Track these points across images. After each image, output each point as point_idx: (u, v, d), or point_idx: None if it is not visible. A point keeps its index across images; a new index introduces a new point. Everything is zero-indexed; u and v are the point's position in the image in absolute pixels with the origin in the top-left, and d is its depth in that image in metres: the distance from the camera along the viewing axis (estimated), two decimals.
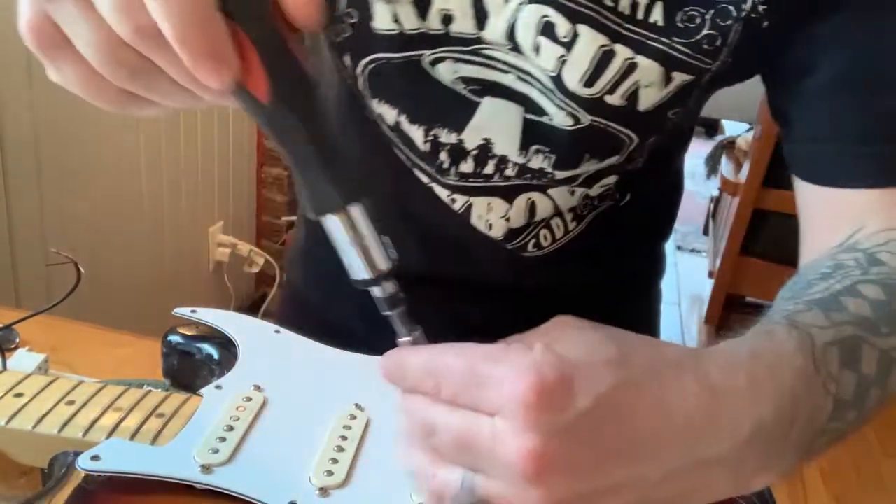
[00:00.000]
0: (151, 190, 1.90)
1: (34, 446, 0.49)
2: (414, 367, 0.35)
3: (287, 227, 2.46)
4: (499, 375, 0.32)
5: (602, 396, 0.32)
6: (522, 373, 0.31)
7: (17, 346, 0.70)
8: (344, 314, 0.69)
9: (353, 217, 0.35)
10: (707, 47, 0.50)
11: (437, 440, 0.34)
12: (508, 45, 0.52)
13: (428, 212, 0.61)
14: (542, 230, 0.63)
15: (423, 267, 0.65)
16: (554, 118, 0.54)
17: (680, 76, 0.51)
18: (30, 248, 1.54)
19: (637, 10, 0.49)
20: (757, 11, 0.48)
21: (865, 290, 0.42)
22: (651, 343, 0.36)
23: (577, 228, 0.64)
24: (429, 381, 0.34)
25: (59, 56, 0.33)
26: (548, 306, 0.71)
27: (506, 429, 0.32)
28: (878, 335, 0.40)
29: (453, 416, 0.33)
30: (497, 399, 0.32)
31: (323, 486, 0.45)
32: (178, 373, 0.59)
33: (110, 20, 0.30)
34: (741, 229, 2.51)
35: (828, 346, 0.38)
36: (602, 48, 0.50)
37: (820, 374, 0.37)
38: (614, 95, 0.52)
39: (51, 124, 1.53)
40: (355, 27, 0.53)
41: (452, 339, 0.34)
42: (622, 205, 0.64)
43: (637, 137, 0.56)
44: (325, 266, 0.77)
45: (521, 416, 0.31)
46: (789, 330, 0.38)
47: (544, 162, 0.56)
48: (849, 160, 0.51)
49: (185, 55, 0.30)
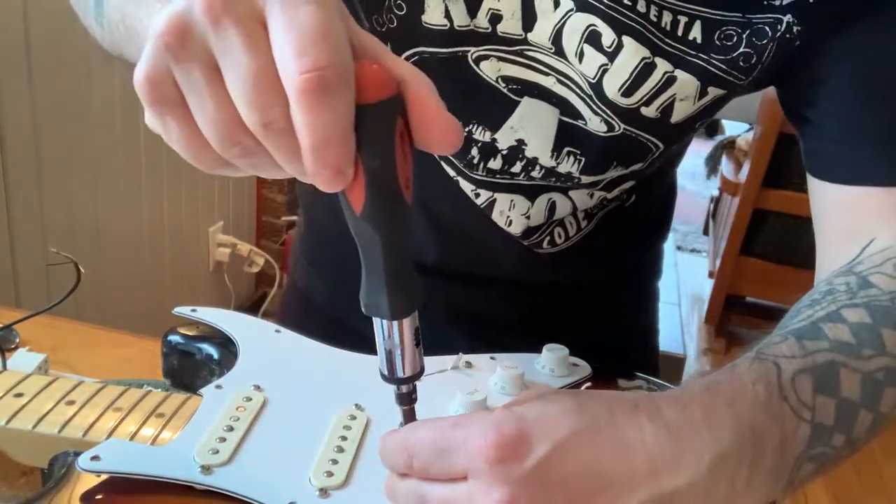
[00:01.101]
0: (151, 190, 1.90)
1: (34, 446, 0.49)
2: (390, 447, 0.38)
3: (287, 227, 2.46)
4: (462, 438, 0.35)
5: (559, 442, 0.34)
6: (483, 432, 0.34)
7: (17, 346, 0.70)
8: (350, 314, 0.69)
9: (396, 326, 0.37)
10: (743, 65, 0.51)
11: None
12: (552, 48, 0.53)
13: (449, 204, 0.62)
14: (556, 228, 0.64)
15: (438, 258, 0.66)
16: (589, 123, 0.55)
17: (714, 90, 0.53)
18: (30, 248, 1.54)
19: (678, 27, 0.50)
20: (791, 32, 0.50)
21: (848, 315, 0.43)
22: (608, 394, 0.38)
23: (588, 227, 0.65)
24: (402, 457, 0.37)
25: (170, 113, 0.31)
26: (554, 301, 0.72)
27: (476, 486, 0.34)
28: (859, 358, 0.40)
29: (436, 487, 0.36)
30: (465, 460, 0.35)
31: (323, 486, 0.45)
32: (178, 373, 0.59)
33: (240, 106, 0.30)
34: (741, 229, 2.51)
35: (798, 373, 0.39)
36: (644, 60, 0.51)
37: (788, 402, 0.38)
38: (650, 107, 0.53)
39: (51, 124, 1.53)
40: (402, 19, 0.54)
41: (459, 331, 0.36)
42: (627, 205, 0.66)
43: (663, 146, 0.57)
44: (330, 267, 0.77)
45: (486, 471, 0.34)
46: (751, 362, 0.39)
47: (573, 166, 0.57)
48: (865, 160, 0.51)
49: (311, 163, 0.30)
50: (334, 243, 0.77)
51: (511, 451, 0.34)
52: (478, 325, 0.70)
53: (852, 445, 0.40)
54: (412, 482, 0.38)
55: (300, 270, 0.81)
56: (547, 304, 0.72)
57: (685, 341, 2.63)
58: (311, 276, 0.79)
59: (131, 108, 1.75)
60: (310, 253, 0.79)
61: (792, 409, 0.38)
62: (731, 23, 0.50)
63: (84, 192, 1.67)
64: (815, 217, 0.55)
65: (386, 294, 0.35)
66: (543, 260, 0.65)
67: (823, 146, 0.54)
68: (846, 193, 0.52)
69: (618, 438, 0.35)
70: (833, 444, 0.39)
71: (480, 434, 0.34)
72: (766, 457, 0.36)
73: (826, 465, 0.39)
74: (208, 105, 0.30)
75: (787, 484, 0.38)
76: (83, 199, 1.67)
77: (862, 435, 0.40)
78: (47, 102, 1.51)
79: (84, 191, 1.67)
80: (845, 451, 0.40)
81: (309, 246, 0.80)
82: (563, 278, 0.69)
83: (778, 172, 2.37)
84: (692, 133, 0.58)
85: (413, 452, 0.37)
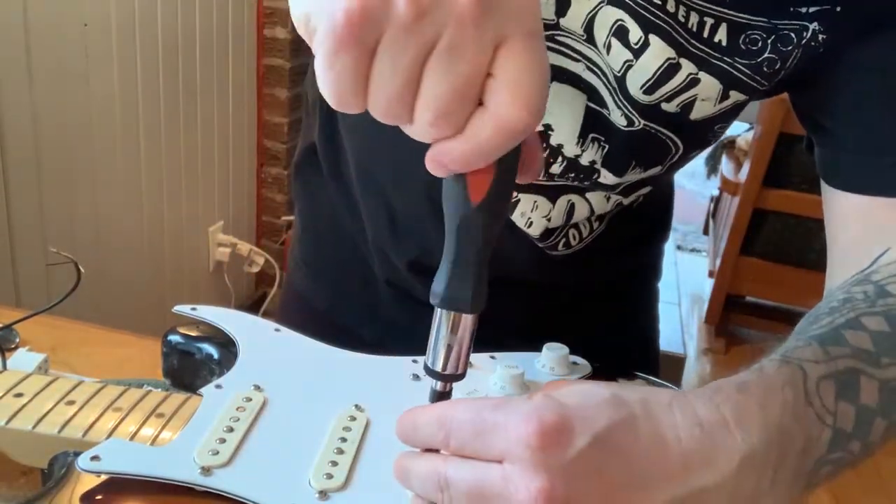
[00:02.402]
0: (151, 190, 1.90)
1: (34, 446, 0.49)
2: (425, 421, 0.37)
3: (287, 227, 2.46)
4: (503, 422, 0.35)
5: (599, 434, 0.34)
6: (525, 418, 0.34)
7: (17, 346, 0.70)
8: (351, 319, 0.69)
9: (464, 321, 0.38)
10: (766, 70, 0.51)
11: (451, 493, 0.36)
12: (584, 35, 0.52)
13: None
14: (571, 230, 0.64)
15: None
16: (611, 114, 0.55)
17: (736, 95, 0.52)
18: (30, 248, 1.54)
19: (703, 28, 0.50)
20: (816, 40, 0.49)
21: (868, 323, 0.43)
22: (642, 388, 0.38)
23: (599, 228, 0.66)
24: (439, 434, 0.36)
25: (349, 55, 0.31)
26: (559, 302, 0.72)
27: (515, 471, 0.34)
28: (878, 367, 0.41)
29: (464, 467, 0.36)
30: (504, 444, 0.34)
31: (322, 489, 0.45)
32: (178, 372, 0.59)
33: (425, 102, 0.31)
34: (741, 229, 2.50)
35: (822, 379, 0.39)
36: (669, 61, 0.51)
37: (813, 407, 0.38)
38: (671, 104, 0.53)
39: (51, 124, 1.53)
40: None
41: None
42: (634, 206, 0.66)
43: (682, 146, 0.57)
44: (330, 273, 0.77)
45: (527, 457, 0.33)
46: (779, 365, 0.39)
47: (597, 153, 0.57)
48: (886, 171, 0.51)
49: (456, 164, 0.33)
50: (331, 247, 0.77)
51: (553, 439, 0.34)
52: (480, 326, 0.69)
53: (867, 450, 0.40)
54: (434, 462, 0.37)
55: (298, 274, 0.81)
56: (551, 304, 0.72)
57: (685, 341, 2.63)
58: (309, 280, 0.79)
59: (131, 108, 1.75)
60: (307, 258, 0.79)
61: (817, 414, 0.38)
62: (757, 27, 0.50)
63: (84, 192, 1.67)
64: (828, 225, 0.55)
65: (471, 287, 0.37)
66: (554, 261, 0.66)
67: (842, 156, 0.53)
68: (864, 203, 0.52)
69: (654, 433, 0.35)
70: (850, 450, 0.39)
71: (523, 420, 0.34)
72: (790, 459, 0.37)
73: (841, 469, 0.40)
74: (397, 81, 0.31)
75: (806, 486, 0.38)
76: (83, 199, 1.67)
77: (876, 441, 0.41)
78: (47, 102, 1.51)
79: (84, 191, 1.67)
80: (860, 456, 0.40)
81: (306, 249, 0.80)
82: (570, 279, 0.70)
83: (778, 172, 2.37)
84: (710, 136, 0.57)
85: (451, 429, 0.36)
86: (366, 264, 0.73)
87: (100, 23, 1.61)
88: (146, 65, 1.77)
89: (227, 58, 2.10)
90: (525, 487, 0.33)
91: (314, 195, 0.77)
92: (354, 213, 0.71)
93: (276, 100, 2.34)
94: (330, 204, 0.74)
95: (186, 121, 1.97)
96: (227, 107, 2.15)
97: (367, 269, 0.73)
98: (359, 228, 0.72)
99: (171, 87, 1.87)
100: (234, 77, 2.16)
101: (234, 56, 2.13)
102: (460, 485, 0.35)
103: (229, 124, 2.18)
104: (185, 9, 1.87)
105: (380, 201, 0.68)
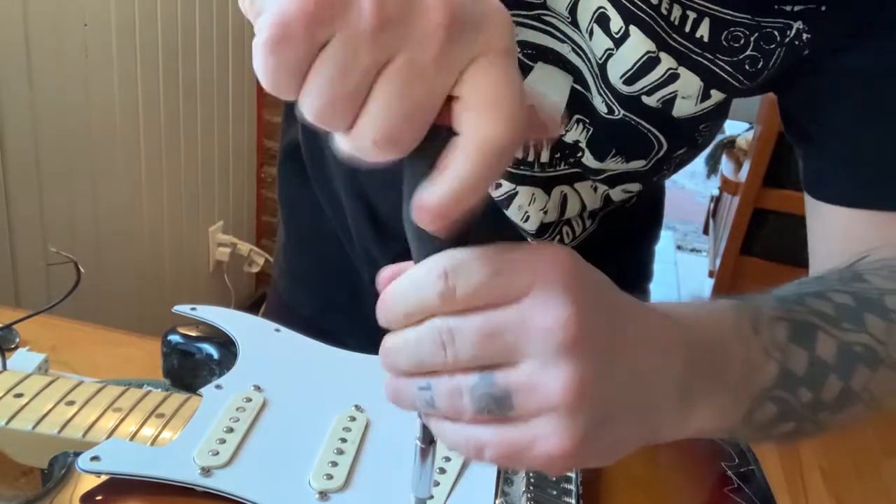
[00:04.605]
0: (151, 190, 1.90)
1: (34, 446, 0.49)
2: (421, 270, 0.31)
3: None
4: (527, 257, 0.31)
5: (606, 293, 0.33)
6: (554, 250, 0.31)
7: (17, 346, 0.70)
8: (336, 327, 0.69)
9: None
10: (748, 68, 0.51)
11: (457, 346, 0.31)
12: (569, 18, 0.52)
13: None
14: (564, 227, 0.64)
15: None
16: (593, 99, 0.55)
17: (717, 94, 0.52)
18: (30, 248, 1.54)
19: (686, 22, 0.50)
20: (800, 39, 0.49)
21: (834, 297, 0.43)
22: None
23: (592, 227, 0.66)
24: (440, 283, 0.30)
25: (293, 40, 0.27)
26: None
27: (540, 302, 0.30)
28: (837, 328, 0.41)
29: (472, 315, 0.31)
30: (530, 277, 0.30)
31: (322, 489, 0.45)
32: (178, 372, 0.59)
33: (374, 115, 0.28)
34: (741, 229, 2.51)
35: (776, 319, 0.39)
36: (648, 54, 0.51)
37: (760, 336, 0.38)
38: (651, 97, 0.53)
39: (51, 125, 1.53)
40: None
41: None
42: (627, 206, 0.66)
43: (666, 144, 0.56)
44: (315, 284, 0.77)
45: (560, 283, 0.30)
46: (732, 301, 0.40)
47: (581, 134, 0.57)
48: (866, 183, 0.51)
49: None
50: (317, 255, 0.77)
51: (587, 272, 0.32)
52: None
53: (816, 410, 0.39)
54: (432, 320, 0.31)
55: (283, 283, 0.81)
56: None
57: None
58: (296, 289, 0.79)
59: (131, 108, 1.75)
60: (292, 268, 0.79)
61: (763, 346, 0.38)
62: (740, 24, 0.49)
63: (84, 192, 1.67)
64: (810, 237, 0.55)
65: None
66: None
67: (824, 166, 0.53)
68: (846, 216, 0.52)
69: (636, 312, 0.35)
70: (798, 397, 0.39)
71: (551, 251, 0.31)
72: (730, 374, 0.37)
73: (786, 419, 0.39)
74: (340, 88, 0.27)
75: (747, 416, 0.38)
76: (83, 199, 1.67)
77: (830, 401, 0.40)
78: (47, 102, 1.51)
79: (84, 191, 1.67)
80: (808, 413, 0.39)
81: (290, 258, 0.80)
82: None
83: (778, 172, 2.37)
84: (697, 136, 0.57)
85: (458, 273, 0.31)
86: (353, 270, 0.73)
87: (100, 23, 1.61)
88: (146, 65, 1.77)
89: (227, 58, 2.10)
90: (554, 315, 0.30)
91: (298, 195, 0.77)
92: (338, 213, 0.71)
93: (276, 100, 2.32)
94: (313, 203, 0.74)
95: (186, 121, 1.97)
96: (227, 107, 2.15)
97: (355, 275, 0.73)
98: (343, 227, 0.72)
99: (171, 87, 1.87)
100: (234, 77, 2.15)
101: (234, 56, 2.13)
102: (467, 333, 0.31)
103: (229, 124, 2.17)
104: (185, 9, 1.87)
105: (363, 201, 0.68)
